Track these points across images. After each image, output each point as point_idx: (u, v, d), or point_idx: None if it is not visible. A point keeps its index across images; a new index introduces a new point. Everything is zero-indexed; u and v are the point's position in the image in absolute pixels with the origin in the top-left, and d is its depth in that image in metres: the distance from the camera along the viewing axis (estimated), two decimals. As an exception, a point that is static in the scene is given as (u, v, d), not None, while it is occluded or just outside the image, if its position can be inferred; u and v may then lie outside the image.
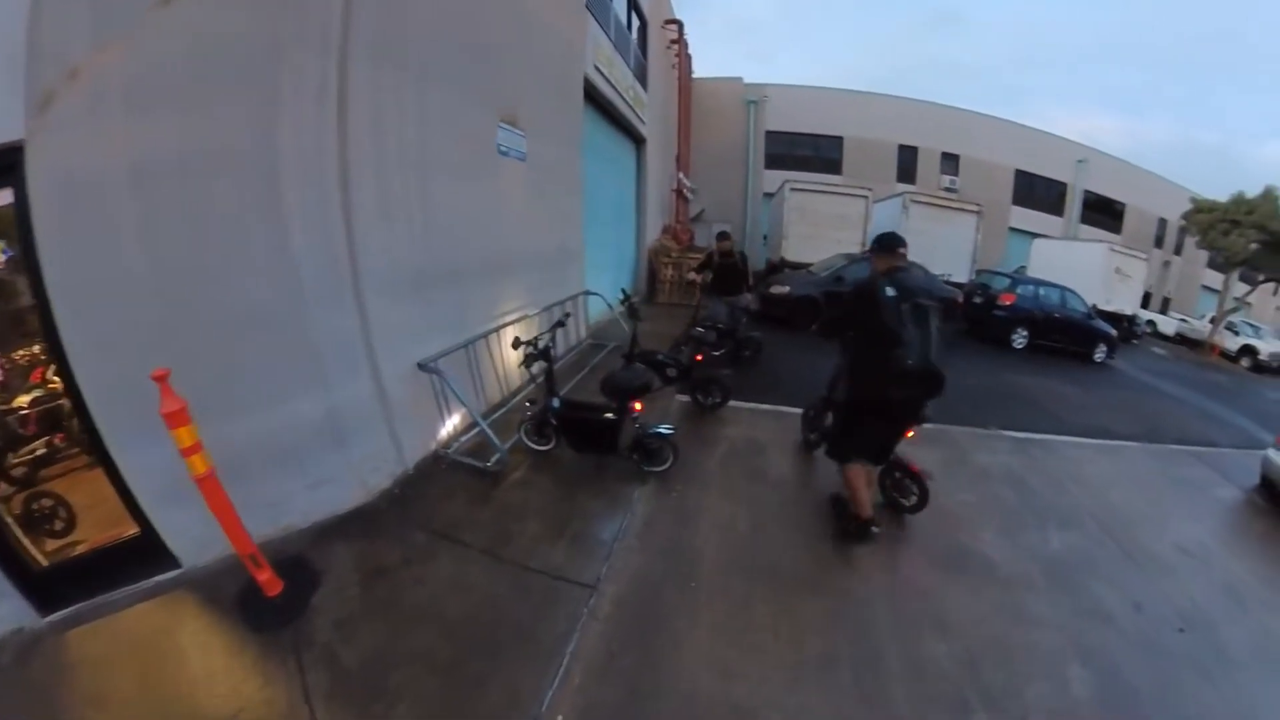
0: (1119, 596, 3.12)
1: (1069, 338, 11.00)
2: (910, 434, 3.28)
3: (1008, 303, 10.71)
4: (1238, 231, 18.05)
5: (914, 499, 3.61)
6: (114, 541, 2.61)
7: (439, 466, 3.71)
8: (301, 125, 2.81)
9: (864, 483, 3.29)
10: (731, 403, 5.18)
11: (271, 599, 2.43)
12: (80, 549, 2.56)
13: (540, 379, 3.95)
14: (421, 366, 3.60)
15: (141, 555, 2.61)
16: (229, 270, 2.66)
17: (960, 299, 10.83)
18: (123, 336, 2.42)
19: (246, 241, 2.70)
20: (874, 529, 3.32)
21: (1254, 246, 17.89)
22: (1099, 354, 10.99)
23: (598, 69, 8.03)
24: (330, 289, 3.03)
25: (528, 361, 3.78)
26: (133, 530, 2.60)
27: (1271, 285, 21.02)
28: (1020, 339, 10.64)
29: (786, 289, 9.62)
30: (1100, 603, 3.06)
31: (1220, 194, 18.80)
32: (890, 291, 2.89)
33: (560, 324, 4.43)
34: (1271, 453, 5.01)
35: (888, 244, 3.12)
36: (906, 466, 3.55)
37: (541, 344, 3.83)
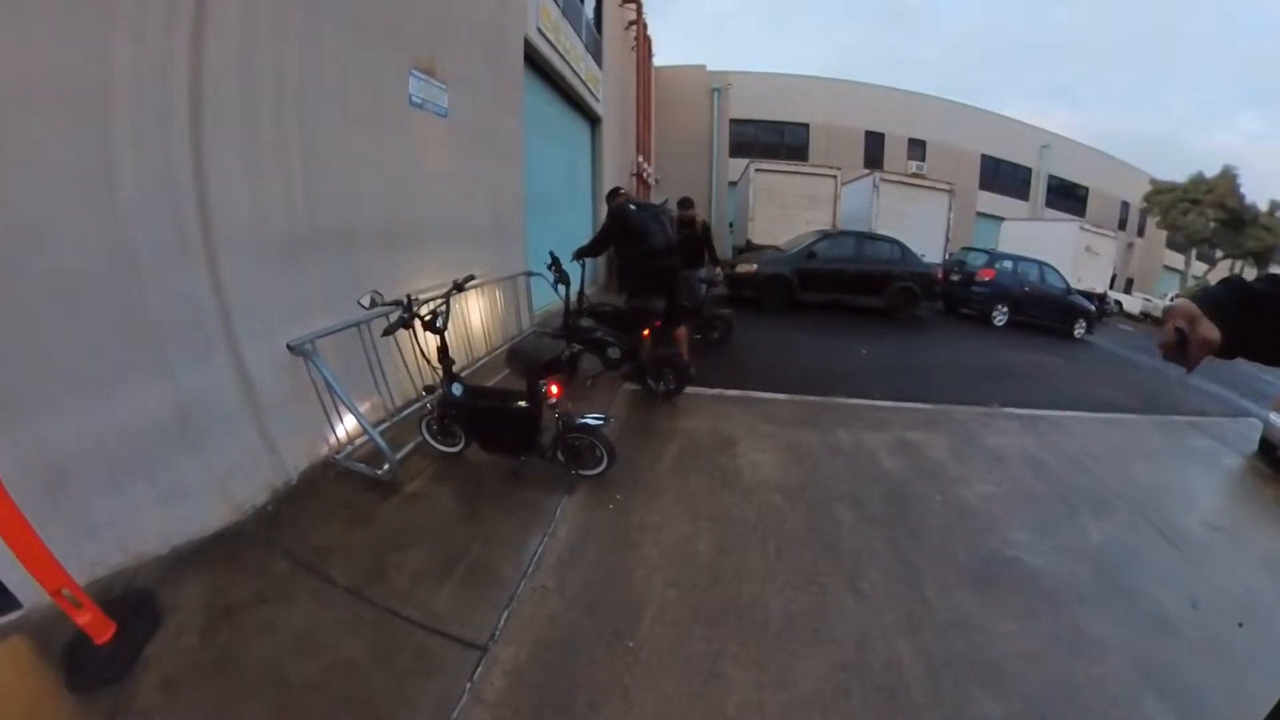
0: (1172, 593, 2.66)
1: (1049, 313, 10.71)
2: None
3: (987, 278, 10.33)
4: (1197, 210, 18.39)
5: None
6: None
7: (327, 476, 2.92)
8: (142, 44, 2.21)
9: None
10: (691, 389, 4.49)
11: (98, 648, 1.83)
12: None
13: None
14: (291, 348, 2.80)
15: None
16: (37, 226, 1.98)
17: (939, 274, 10.39)
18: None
19: (61, 188, 2.04)
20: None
21: (1213, 225, 18.23)
22: (1079, 330, 10.72)
23: (542, 33, 7.29)
24: (171, 247, 2.36)
25: (391, 329, 2.86)
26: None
27: (1229, 263, 21.55)
28: (1001, 316, 10.27)
29: (754, 267, 9.06)
30: (1157, 605, 2.54)
31: (1171, 180, 19.15)
32: (633, 208, 4.52)
33: (459, 287, 3.38)
34: (1274, 417, 4.88)
35: (616, 190, 4.98)
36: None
37: (426, 309, 2.93)
